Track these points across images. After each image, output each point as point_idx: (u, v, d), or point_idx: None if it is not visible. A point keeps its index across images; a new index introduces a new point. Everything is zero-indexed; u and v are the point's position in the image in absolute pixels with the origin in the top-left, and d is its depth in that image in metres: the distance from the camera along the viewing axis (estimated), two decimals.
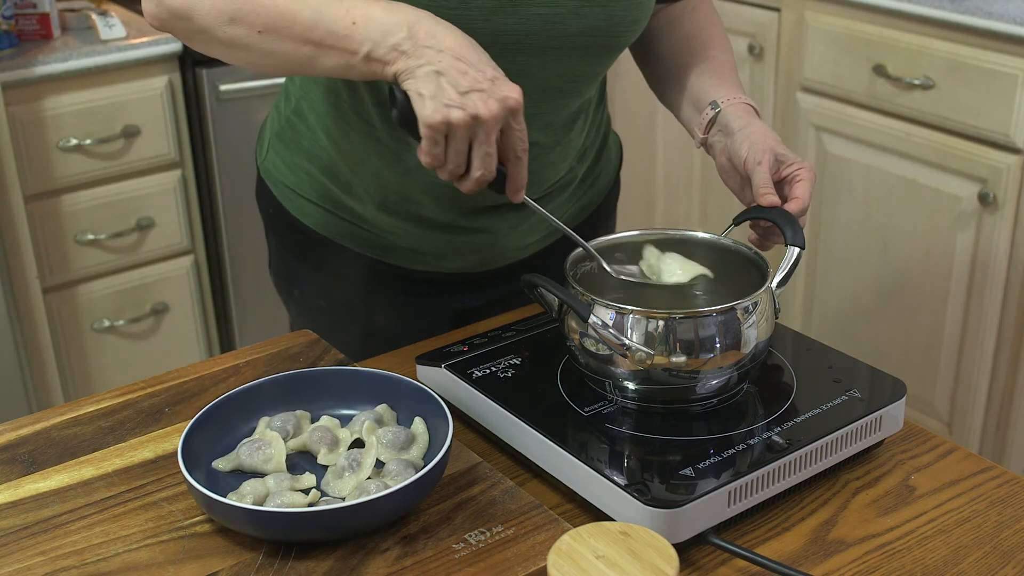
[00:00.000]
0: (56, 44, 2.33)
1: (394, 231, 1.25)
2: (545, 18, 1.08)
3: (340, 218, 1.27)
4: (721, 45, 1.27)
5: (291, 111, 1.27)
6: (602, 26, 1.11)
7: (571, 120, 1.21)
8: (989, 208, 2.12)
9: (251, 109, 2.47)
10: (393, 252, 1.27)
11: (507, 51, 1.08)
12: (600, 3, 1.09)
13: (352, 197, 1.24)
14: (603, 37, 1.12)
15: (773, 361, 1.08)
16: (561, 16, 1.08)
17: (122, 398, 1.08)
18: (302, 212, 1.29)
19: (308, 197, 1.28)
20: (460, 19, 1.04)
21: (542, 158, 1.19)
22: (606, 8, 1.10)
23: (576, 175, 1.30)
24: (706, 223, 2.80)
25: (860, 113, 2.34)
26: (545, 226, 1.30)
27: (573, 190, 1.31)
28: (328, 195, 1.26)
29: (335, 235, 1.28)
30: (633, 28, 1.14)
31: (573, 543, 0.75)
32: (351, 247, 1.28)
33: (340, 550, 0.86)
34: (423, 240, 1.26)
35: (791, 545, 0.92)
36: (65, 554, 0.87)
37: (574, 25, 1.09)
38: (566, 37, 1.10)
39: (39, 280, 2.32)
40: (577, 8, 1.08)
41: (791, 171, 1.10)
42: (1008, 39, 2.04)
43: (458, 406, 1.06)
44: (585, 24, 1.10)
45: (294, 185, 1.29)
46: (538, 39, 1.09)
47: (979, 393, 2.25)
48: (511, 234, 1.27)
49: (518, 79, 1.10)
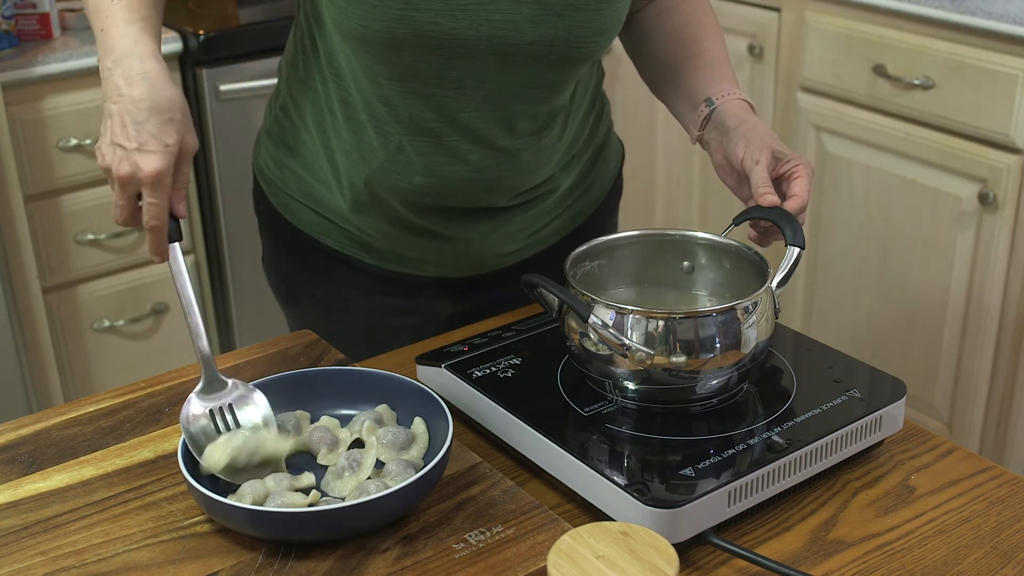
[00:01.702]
0: (56, 44, 2.33)
1: (371, 232, 1.25)
2: (497, 25, 1.06)
3: (322, 216, 1.27)
4: (713, 36, 1.24)
5: (279, 108, 1.28)
6: (560, 36, 1.09)
7: (540, 127, 1.18)
8: (989, 208, 2.12)
9: (251, 109, 2.47)
10: (373, 253, 1.27)
11: (457, 55, 1.07)
12: (557, 13, 1.07)
13: (331, 195, 1.25)
14: (561, 47, 1.10)
15: (773, 361, 1.08)
16: (515, 24, 1.06)
17: (122, 398, 1.08)
18: (287, 209, 1.29)
19: (292, 195, 1.28)
20: (407, 21, 1.04)
21: (508, 164, 1.18)
22: (563, 19, 1.08)
23: (559, 185, 1.27)
24: (706, 223, 2.79)
25: (860, 113, 2.34)
26: (527, 235, 1.29)
27: (558, 200, 1.29)
28: (310, 193, 1.26)
29: (318, 233, 1.28)
30: (595, 39, 1.12)
31: (573, 543, 0.75)
32: (333, 246, 1.28)
33: (340, 550, 0.86)
34: (400, 242, 1.25)
35: (791, 545, 0.92)
36: (65, 554, 0.87)
37: (530, 34, 1.07)
38: (521, 45, 1.08)
39: (39, 280, 2.32)
40: (532, 17, 1.07)
41: (789, 168, 1.09)
42: (1008, 39, 2.04)
43: (458, 406, 1.06)
44: (541, 33, 1.08)
45: (280, 182, 1.29)
46: (491, 45, 1.07)
47: (979, 393, 2.25)
48: (487, 241, 1.25)
49: (471, 83, 1.10)
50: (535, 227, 1.28)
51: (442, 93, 1.11)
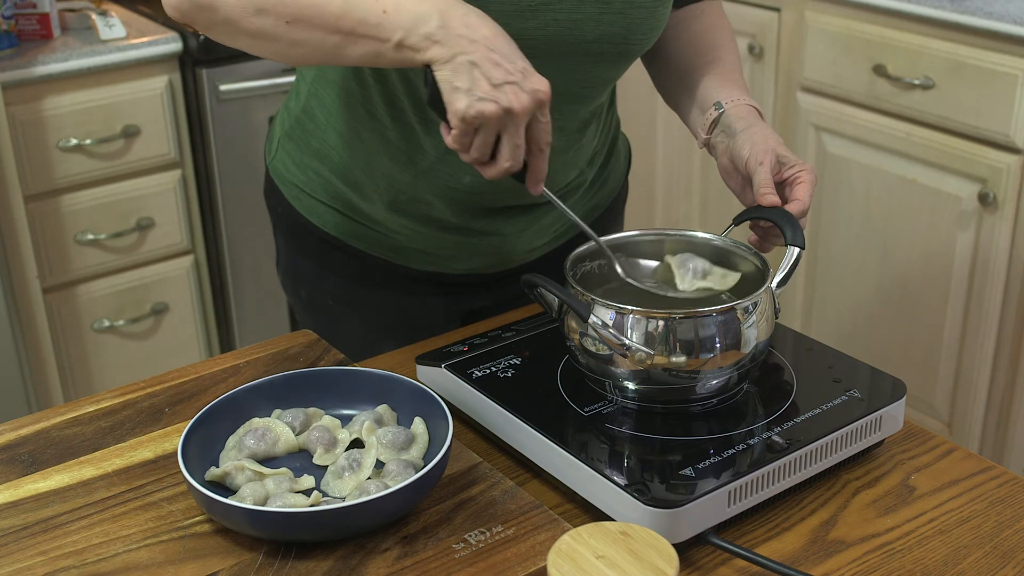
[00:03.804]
0: (56, 44, 2.33)
1: (404, 232, 1.25)
2: (564, 24, 1.07)
3: (350, 219, 1.26)
4: (728, 47, 1.27)
5: (301, 110, 1.27)
6: (620, 33, 1.11)
7: (583, 126, 1.21)
8: (989, 208, 2.12)
9: (251, 109, 2.47)
10: (402, 253, 1.27)
11: (525, 56, 1.07)
12: (619, 10, 1.09)
13: (362, 198, 1.24)
14: (620, 44, 1.12)
15: (773, 361, 1.08)
16: (580, 23, 1.08)
17: (122, 398, 1.08)
18: (312, 212, 1.28)
19: (318, 197, 1.27)
20: None
21: (553, 162, 1.19)
22: (624, 16, 1.10)
23: (586, 178, 1.30)
24: (706, 223, 2.79)
25: (860, 113, 2.34)
26: (554, 229, 1.31)
27: (583, 193, 1.31)
28: (338, 195, 1.26)
29: (345, 236, 1.27)
30: (650, 36, 1.14)
31: (573, 543, 0.75)
32: (360, 248, 1.28)
33: (340, 550, 0.86)
34: (432, 241, 1.26)
35: (791, 545, 0.92)
36: (65, 554, 0.87)
37: (592, 32, 1.09)
38: (583, 43, 1.10)
39: (39, 280, 2.32)
40: (596, 15, 1.08)
41: (792, 173, 1.10)
42: (1008, 39, 2.04)
43: (458, 406, 1.06)
44: (603, 31, 1.10)
45: (304, 185, 1.28)
46: (556, 45, 1.08)
47: (979, 393, 2.25)
48: (520, 237, 1.27)
49: None
50: (563, 220, 1.30)
51: None
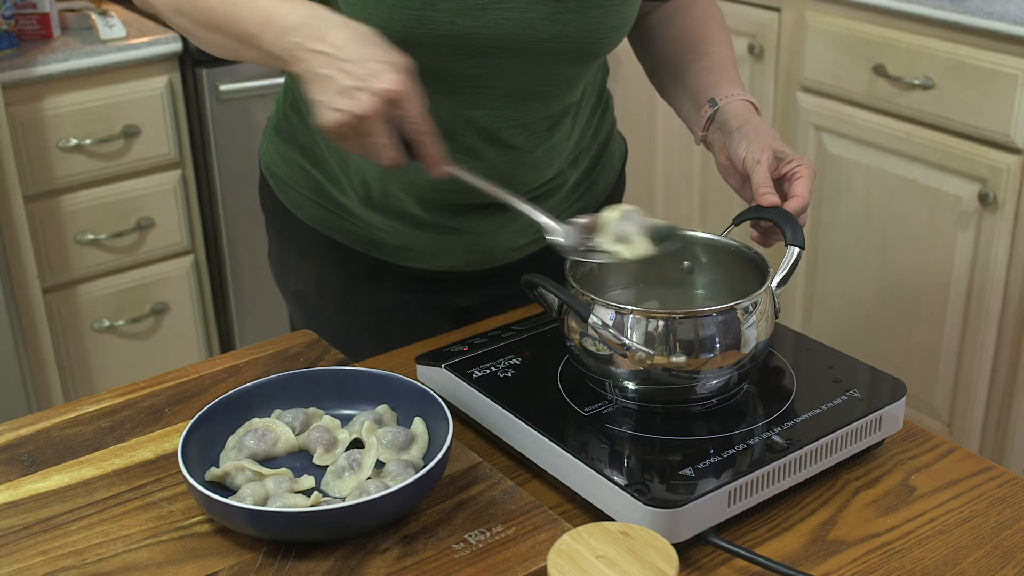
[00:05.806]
0: (56, 44, 2.33)
1: (381, 227, 1.25)
2: (514, 23, 1.07)
3: (331, 212, 1.27)
4: (720, 39, 1.25)
5: (287, 105, 1.28)
6: (575, 33, 1.09)
7: (553, 124, 1.19)
8: (989, 208, 2.12)
9: (251, 109, 2.47)
10: (383, 248, 1.27)
11: (475, 54, 1.07)
12: (573, 10, 1.08)
13: (340, 192, 1.25)
14: (577, 44, 1.10)
15: (773, 361, 1.08)
16: (532, 22, 1.07)
17: (122, 398, 1.08)
18: (296, 206, 1.29)
19: (301, 191, 1.28)
20: (425, 21, 1.04)
21: (521, 161, 1.18)
22: (580, 15, 1.08)
23: (567, 179, 1.28)
24: (706, 223, 2.79)
25: (860, 113, 2.34)
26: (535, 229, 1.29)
27: (566, 194, 1.29)
28: (320, 189, 1.26)
29: (327, 229, 1.28)
30: (609, 36, 1.13)
31: (573, 543, 0.75)
32: (343, 242, 1.28)
33: (340, 550, 0.86)
34: (410, 238, 1.25)
35: (791, 545, 0.92)
36: (65, 554, 0.87)
37: (546, 31, 1.08)
38: (537, 42, 1.08)
39: (39, 280, 2.32)
40: (549, 14, 1.07)
41: (790, 168, 1.10)
42: (1008, 39, 2.04)
43: (458, 406, 1.06)
44: (557, 30, 1.08)
45: (288, 178, 1.29)
46: (508, 43, 1.07)
47: (979, 393, 2.25)
48: (497, 235, 1.26)
49: (487, 82, 1.10)
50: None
51: (459, 92, 1.11)
